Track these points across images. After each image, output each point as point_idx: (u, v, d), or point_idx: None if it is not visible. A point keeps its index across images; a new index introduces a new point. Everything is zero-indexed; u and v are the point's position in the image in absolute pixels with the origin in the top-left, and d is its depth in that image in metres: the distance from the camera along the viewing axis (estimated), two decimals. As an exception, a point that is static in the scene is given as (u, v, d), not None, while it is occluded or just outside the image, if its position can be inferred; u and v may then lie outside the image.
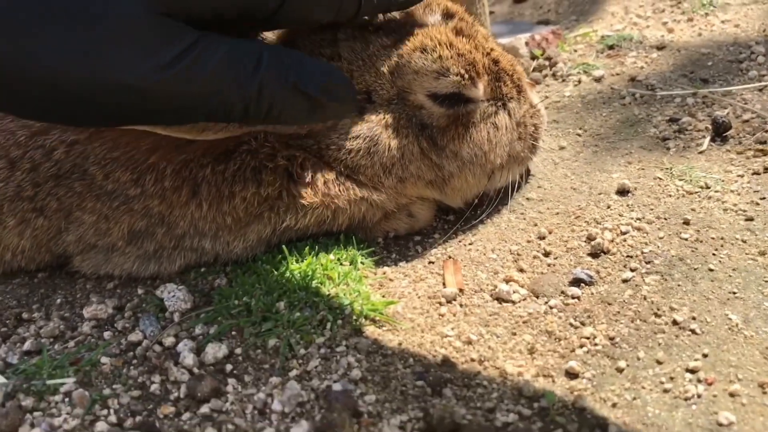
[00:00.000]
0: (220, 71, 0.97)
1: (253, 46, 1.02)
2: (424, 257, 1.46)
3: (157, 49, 0.91)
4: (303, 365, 1.17)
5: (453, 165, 1.45)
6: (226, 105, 1.00)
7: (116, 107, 0.95)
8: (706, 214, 1.45)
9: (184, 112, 1.00)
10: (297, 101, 1.07)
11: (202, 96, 0.97)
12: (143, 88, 0.92)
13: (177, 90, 0.94)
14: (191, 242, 1.41)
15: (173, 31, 0.93)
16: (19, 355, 1.26)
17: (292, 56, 1.07)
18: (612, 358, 1.14)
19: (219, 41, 0.97)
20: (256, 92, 1.01)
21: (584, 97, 2.04)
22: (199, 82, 0.95)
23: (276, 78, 1.03)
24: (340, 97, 1.14)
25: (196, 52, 0.94)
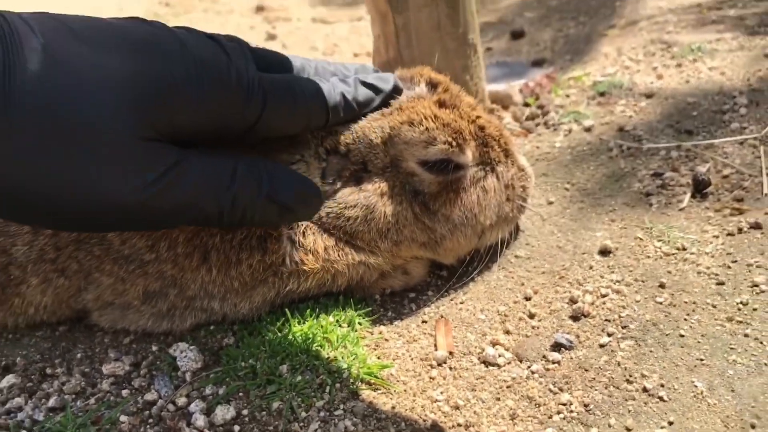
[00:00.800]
0: (197, 187, 1.07)
1: (229, 162, 1.12)
2: (417, 316, 1.57)
3: (143, 169, 1.00)
4: (304, 428, 1.28)
5: (445, 228, 1.56)
6: (203, 215, 1.10)
7: (99, 220, 1.05)
8: (681, 277, 1.56)
9: (162, 222, 1.10)
10: (269, 209, 1.17)
11: (180, 209, 1.07)
12: (126, 206, 1.01)
13: (157, 206, 1.03)
14: (201, 303, 1.52)
15: (158, 152, 1.02)
16: (44, 412, 1.37)
17: (267, 167, 1.17)
18: (585, 425, 1.25)
19: (197, 158, 1.07)
20: (230, 204, 1.11)
21: (574, 148, 2.15)
22: (177, 197, 1.05)
23: (249, 190, 1.13)
24: (308, 202, 1.26)
25: (176, 170, 1.03)
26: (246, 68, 1.12)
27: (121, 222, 1.07)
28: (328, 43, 3.45)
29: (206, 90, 1.06)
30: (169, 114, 1.03)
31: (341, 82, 1.35)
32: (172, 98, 1.03)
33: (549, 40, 3.12)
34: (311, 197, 1.26)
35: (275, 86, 1.15)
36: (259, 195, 1.15)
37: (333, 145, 1.50)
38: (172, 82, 1.02)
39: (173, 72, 1.03)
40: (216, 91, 1.07)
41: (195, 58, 1.06)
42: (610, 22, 3.27)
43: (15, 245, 1.49)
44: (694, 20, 3.02)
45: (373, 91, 1.43)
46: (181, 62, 1.04)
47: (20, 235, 1.49)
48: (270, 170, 1.18)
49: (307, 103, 1.24)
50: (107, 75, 0.98)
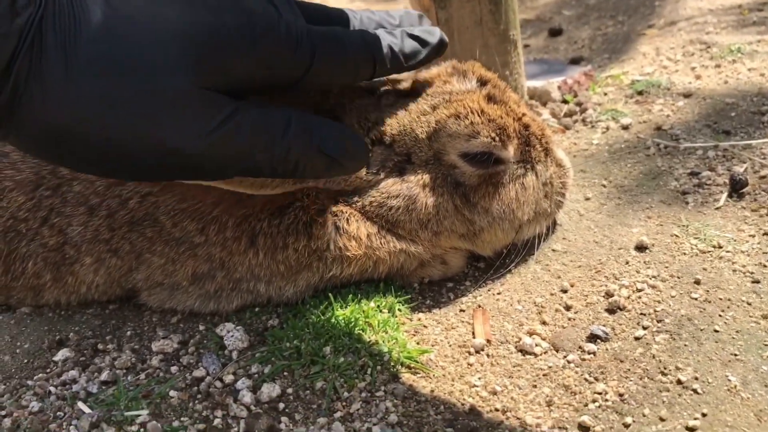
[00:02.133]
0: (254, 136, 1.11)
1: (282, 113, 1.16)
2: (455, 305, 1.61)
3: (203, 117, 1.06)
4: (346, 407, 1.33)
5: (484, 220, 1.60)
6: (257, 164, 1.15)
7: (162, 166, 1.10)
8: (716, 274, 1.58)
9: (220, 170, 1.14)
10: (319, 161, 1.21)
11: (237, 157, 1.12)
12: (188, 151, 1.06)
13: (216, 152, 1.08)
14: (248, 285, 1.58)
15: (216, 102, 1.07)
16: (98, 384, 1.44)
17: (316, 121, 1.22)
18: (620, 413, 1.29)
19: (253, 109, 1.12)
20: (284, 154, 1.16)
21: (611, 145, 2.17)
22: (235, 145, 1.10)
23: (302, 141, 1.17)
24: (356, 156, 1.30)
25: (235, 119, 1.08)
26: (295, 20, 1.15)
27: (182, 169, 1.12)
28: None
29: (258, 40, 1.09)
30: (223, 63, 1.07)
31: (388, 34, 1.34)
32: (226, 48, 1.06)
33: (587, 38, 3.13)
34: (359, 151, 1.31)
35: (324, 38, 1.18)
36: (311, 146, 1.19)
37: (378, 135, 1.55)
38: (226, 33, 1.06)
39: (226, 23, 1.06)
40: (267, 41, 1.10)
41: (246, 9, 1.09)
42: (648, 21, 3.27)
43: (71, 225, 1.56)
44: (735, 21, 3.02)
45: (420, 44, 1.39)
46: (233, 13, 1.08)
47: (76, 216, 1.55)
48: (321, 123, 1.22)
49: (355, 54, 1.25)
50: (166, 26, 1.02)
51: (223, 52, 1.06)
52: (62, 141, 1.03)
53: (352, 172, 1.40)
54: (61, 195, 1.56)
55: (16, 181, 1.57)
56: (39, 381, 1.45)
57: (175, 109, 1.03)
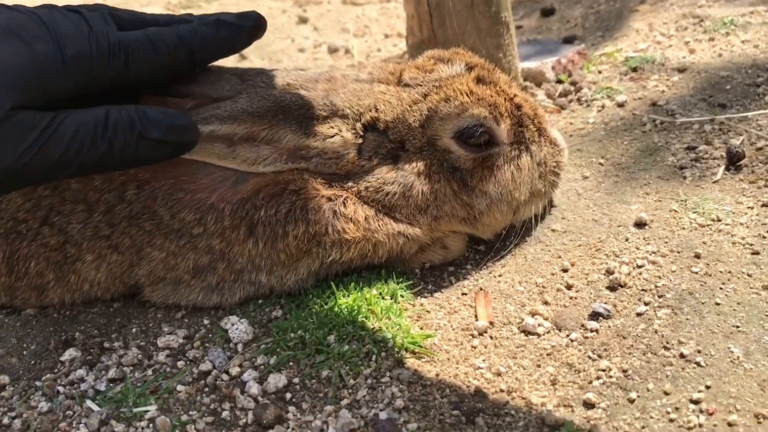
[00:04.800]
0: (75, 139, 1.20)
1: (100, 111, 1.24)
2: (457, 288, 1.62)
3: (16, 138, 1.14)
4: (352, 395, 1.34)
5: (483, 203, 1.61)
6: (87, 163, 1.23)
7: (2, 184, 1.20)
8: (716, 247, 1.59)
9: (53, 174, 1.22)
10: (144, 145, 1.28)
11: (64, 161, 1.20)
12: (10, 172, 1.16)
13: (39, 165, 1.17)
14: (249, 276, 1.59)
15: (30, 119, 1.16)
16: (105, 382, 1.45)
17: (138, 110, 1.29)
18: (624, 389, 1.30)
19: (70, 115, 1.21)
20: (107, 146, 1.23)
21: (607, 123, 2.17)
22: (57, 152, 1.18)
23: (122, 132, 1.25)
24: (183, 133, 1.36)
25: (50, 130, 1.17)
26: (106, 33, 1.25)
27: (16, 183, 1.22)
28: (359, 24, 3.49)
29: (69, 63, 1.20)
30: (40, 87, 1.18)
31: (203, 25, 1.40)
32: (39, 74, 1.17)
33: (579, 17, 3.12)
34: (183, 128, 1.35)
35: (136, 42, 1.28)
36: (133, 135, 1.26)
37: (371, 121, 1.56)
38: (37, 60, 1.17)
39: (37, 51, 1.17)
40: (79, 63, 1.21)
41: (56, 35, 1.19)
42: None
43: (70, 223, 1.56)
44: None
45: (235, 29, 1.44)
46: (43, 41, 1.18)
47: (75, 213, 1.56)
48: (140, 111, 1.29)
49: (170, 50, 1.33)
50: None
51: (37, 78, 1.17)
52: None
53: (185, 149, 1.41)
54: (59, 194, 1.56)
55: (14, 183, 1.57)
56: (47, 381, 1.46)
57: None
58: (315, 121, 1.50)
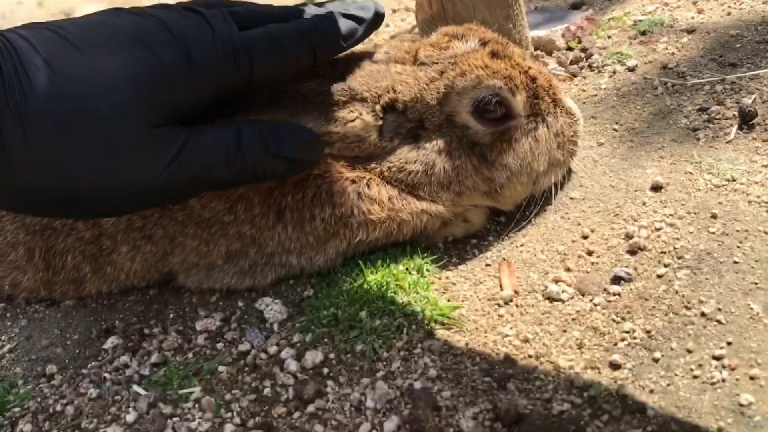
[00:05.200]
0: (209, 158, 1.22)
1: (232, 129, 1.26)
2: (481, 260, 1.67)
3: (157, 156, 1.16)
4: (387, 366, 1.40)
5: (503, 176, 1.65)
6: (219, 181, 1.26)
7: (130, 203, 1.24)
8: (732, 207, 1.63)
9: (185, 194, 1.28)
10: (277, 164, 1.31)
11: (197, 181, 1.23)
12: (149, 189, 1.18)
13: (175, 183, 1.19)
14: (280, 259, 1.64)
15: (167, 136, 1.17)
16: (149, 367, 1.51)
17: (268, 127, 1.30)
18: (649, 349, 1.35)
19: (204, 132, 1.22)
20: (240, 166, 1.25)
21: (619, 89, 2.20)
22: (193, 172, 1.20)
23: (255, 150, 1.27)
24: (311, 150, 1.40)
25: (188, 148, 1.18)
26: (229, 33, 1.23)
27: (148, 202, 1.27)
28: None
29: (196, 68, 1.18)
30: (168, 98, 1.17)
31: (324, 18, 1.39)
32: (168, 83, 1.16)
33: (586, -19, 3.12)
34: (312, 145, 1.40)
35: (259, 43, 1.26)
36: (266, 153, 1.28)
37: (390, 102, 1.59)
38: (164, 69, 1.15)
39: (163, 59, 1.15)
40: (205, 66, 1.19)
41: (180, 40, 1.18)
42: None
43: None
44: (733, -51, 2.99)
45: (356, 21, 1.44)
46: (168, 48, 1.16)
47: None
48: (270, 128, 1.31)
49: (293, 48, 1.32)
50: (106, 76, 1.12)
51: (165, 88, 1.16)
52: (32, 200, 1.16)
53: (313, 163, 1.46)
54: None
55: (47, 180, 1.62)
56: (93, 369, 1.53)
57: (128, 154, 1.14)
58: (335, 107, 1.54)
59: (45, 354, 1.61)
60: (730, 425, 1.19)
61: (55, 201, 1.17)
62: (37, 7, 3.95)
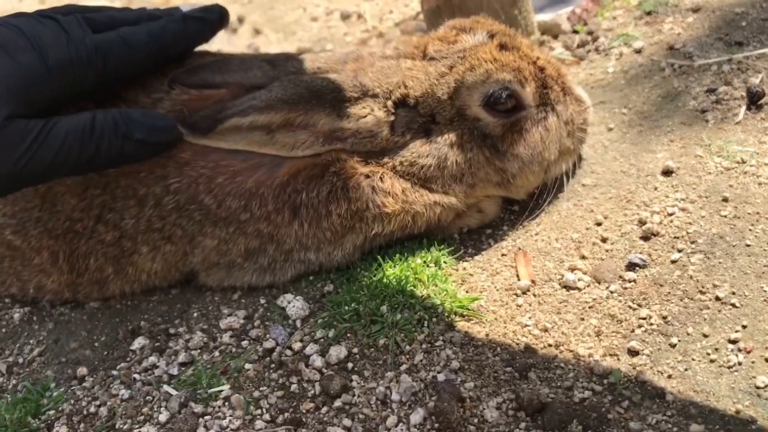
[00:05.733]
0: (65, 144, 1.33)
1: (86, 115, 1.37)
2: (496, 250, 1.70)
3: (12, 145, 1.28)
4: (410, 360, 1.44)
5: (515, 166, 1.67)
6: (77, 165, 1.36)
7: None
8: (742, 189, 1.65)
9: (47, 176, 1.36)
10: (129, 146, 1.42)
11: (56, 164, 1.33)
12: (10, 177, 1.30)
13: (35, 168, 1.31)
14: (299, 255, 1.68)
15: (23, 128, 1.29)
16: (177, 367, 1.55)
17: (122, 113, 1.42)
18: (666, 335, 1.38)
19: (60, 122, 1.34)
20: (95, 150, 1.37)
21: (626, 71, 2.21)
22: (50, 156, 1.32)
23: (108, 135, 1.38)
24: (164, 133, 1.48)
25: (42, 137, 1.30)
26: (83, 38, 1.37)
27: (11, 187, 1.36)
28: (369, -12, 3.50)
29: (53, 71, 1.32)
30: (26, 96, 1.30)
31: (171, 21, 1.53)
32: (25, 83, 1.30)
33: (588, -40, 3.12)
34: (163, 129, 1.48)
35: (111, 44, 1.41)
36: (117, 136, 1.39)
37: (401, 97, 1.62)
38: (22, 71, 1.29)
39: (22, 62, 1.29)
40: (61, 69, 1.34)
41: (36, 45, 1.31)
42: (648, -66, 3.24)
43: (123, 219, 1.65)
44: (735, -76, 2.99)
45: (201, 23, 1.58)
46: (26, 52, 1.30)
47: (127, 209, 1.64)
48: (124, 114, 1.42)
49: (143, 49, 1.47)
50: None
51: (23, 87, 1.29)
52: None
53: (168, 147, 1.52)
54: (110, 192, 1.64)
55: (66, 185, 1.65)
56: (123, 370, 1.57)
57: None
58: (347, 103, 1.57)
59: (74, 356, 1.65)
60: (747, 407, 1.22)
61: None
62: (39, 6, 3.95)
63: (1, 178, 1.30)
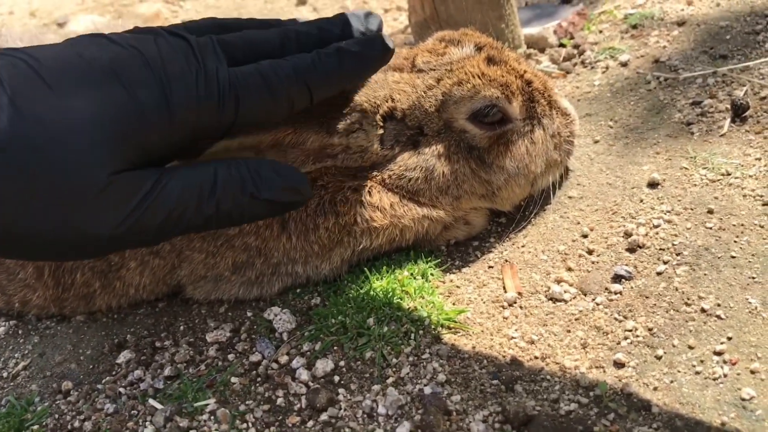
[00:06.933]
0: (179, 203, 1.11)
1: (207, 169, 1.15)
2: (483, 262, 1.70)
3: (119, 204, 1.05)
4: (397, 373, 1.43)
5: (500, 179, 1.68)
6: (188, 227, 1.14)
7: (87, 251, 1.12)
8: (727, 201, 1.66)
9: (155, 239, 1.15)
10: (256, 207, 1.20)
11: (166, 226, 1.11)
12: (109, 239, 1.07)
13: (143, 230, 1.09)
14: (286, 268, 1.67)
15: (132, 183, 1.07)
16: (162, 380, 1.54)
17: (248, 167, 1.19)
18: (651, 347, 1.38)
19: (175, 175, 1.12)
20: (214, 209, 1.15)
21: (612, 84, 2.23)
22: (160, 218, 1.09)
23: (231, 194, 1.16)
24: (295, 191, 1.26)
25: (154, 194, 1.08)
26: (216, 70, 1.13)
27: (106, 251, 1.14)
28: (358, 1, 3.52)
29: (175, 109, 1.08)
30: (141, 141, 1.07)
31: (325, 56, 1.26)
32: (142, 126, 1.06)
33: (575, -26, 3.15)
34: (298, 188, 1.27)
35: (249, 83, 1.16)
36: (243, 196, 1.18)
37: (389, 111, 1.62)
38: (140, 111, 1.06)
39: (140, 99, 1.06)
40: (186, 108, 1.10)
41: (161, 77, 1.08)
42: (634, -52, 3.27)
43: None
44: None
45: (359, 61, 1.34)
46: (146, 86, 1.07)
47: None
48: (252, 169, 1.20)
49: (286, 89, 1.21)
50: (75, 119, 1.02)
51: (138, 131, 1.06)
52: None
53: (297, 207, 1.36)
54: None
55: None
56: (108, 384, 1.56)
57: (90, 202, 1.03)
58: (335, 119, 1.57)
59: (59, 370, 1.64)
60: (732, 419, 1.23)
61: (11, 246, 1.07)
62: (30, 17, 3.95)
63: (102, 239, 1.06)
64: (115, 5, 3.86)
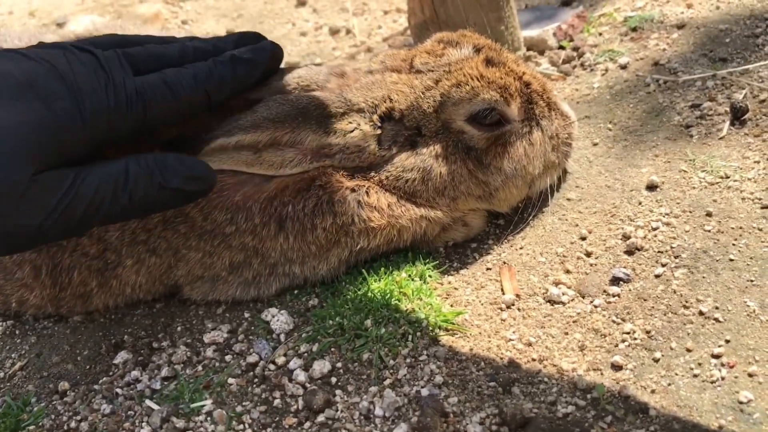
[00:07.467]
0: (97, 196, 1.21)
1: (120, 164, 1.26)
2: (481, 264, 1.70)
3: (42, 200, 1.15)
4: (394, 374, 1.43)
5: (498, 180, 1.68)
6: (109, 215, 1.25)
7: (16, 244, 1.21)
8: (726, 204, 1.66)
9: (75, 230, 1.24)
10: (165, 195, 1.31)
11: (87, 217, 1.22)
12: (38, 232, 1.17)
13: (65, 221, 1.19)
14: (283, 269, 1.67)
15: (54, 180, 1.17)
16: (159, 381, 1.54)
17: (156, 159, 1.31)
18: (649, 350, 1.38)
19: (91, 171, 1.22)
20: (128, 200, 1.25)
21: (612, 87, 2.23)
22: (81, 209, 1.20)
23: (142, 184, 1.27)
24: (201, 180, 1.37)
25: (74, 189, 1.18)
26: (123, 81, 1.25)
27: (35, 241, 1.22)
28: (358, 3, 3.51)
29: (88, 119, 1.19)
30: (58, 147, 1.17)
31: (219, 63, 1.41)
32: (59, 134, 1.17)
33: (575, -23, 3.14)
34: (201, 178, 1.37)
35: (153, 89, 1.29)
36: (152, 186, 1.28)
37: (387, 111, 1.62)
38: (56, 121, 1.16)
39: (56, 111, 1.16)
40: (97, 116, 1.21)
41: (74, 89, 1.19)
42: (634, -49, 3.27)
43: (108, 231, 1.64)
44: (720, -59, 3.02)
45: (251, 66, 1.47)
46: (61, 98, 1.17)
47: None
48: (159, 162, 1.31)
49: (187, 94, 1.34)
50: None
51: (56, 138, 1.16)
52: None
53: (203, 195, 1.43)
54: None
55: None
56: (105, 384, 1.56)
57: (14, 199, 1.12)
58: (333, 119, 1.57)
59: (56, 371, 1.64)
60: (730, 423, 1.22)
61: None
62: (29, 17, 3.94)
63: (30, 233, 1.17)
64: (115, 5, 3.86)
